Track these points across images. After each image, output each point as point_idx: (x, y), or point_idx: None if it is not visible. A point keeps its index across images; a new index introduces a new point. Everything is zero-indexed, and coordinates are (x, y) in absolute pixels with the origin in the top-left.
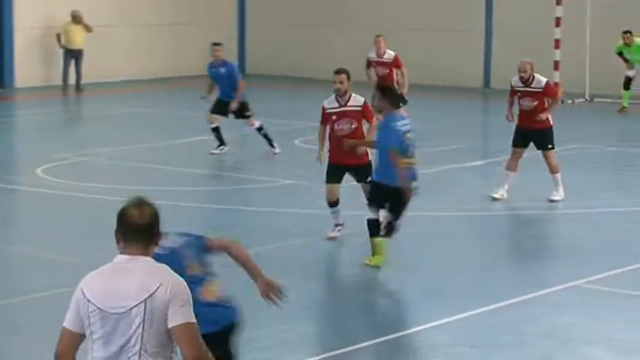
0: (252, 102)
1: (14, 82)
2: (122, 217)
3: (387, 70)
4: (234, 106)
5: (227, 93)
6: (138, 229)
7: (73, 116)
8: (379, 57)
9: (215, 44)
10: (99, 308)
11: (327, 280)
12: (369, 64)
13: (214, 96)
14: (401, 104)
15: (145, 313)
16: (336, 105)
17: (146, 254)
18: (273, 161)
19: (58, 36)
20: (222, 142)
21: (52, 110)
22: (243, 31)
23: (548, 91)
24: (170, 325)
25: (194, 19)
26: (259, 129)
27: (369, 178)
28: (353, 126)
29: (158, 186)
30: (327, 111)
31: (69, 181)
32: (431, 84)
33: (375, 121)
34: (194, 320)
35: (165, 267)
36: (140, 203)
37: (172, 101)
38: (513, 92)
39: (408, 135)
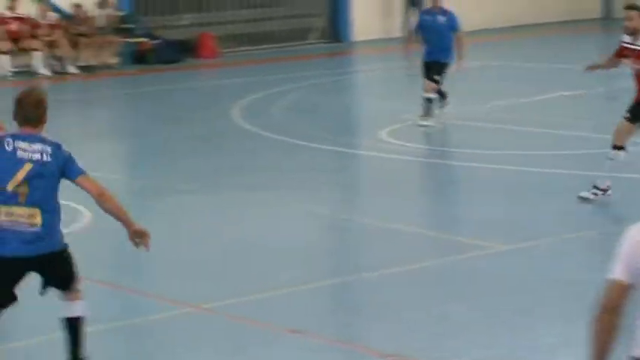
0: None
1: (352, 35)
2: None
3: None
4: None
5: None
6: None
7: (416, 72)
8: None
9: None
10: None
11: None
12: None
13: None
14: None
15: None
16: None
17: None
18: None
19: None
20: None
21: (394, 65)
22: None
23: None
24: None
25: None
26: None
27: None
28: None
29: (515, 149)
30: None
31: (416, 144)
32: None
33: None
34: None
35: None
36: None
37: (532, 52)
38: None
39: None
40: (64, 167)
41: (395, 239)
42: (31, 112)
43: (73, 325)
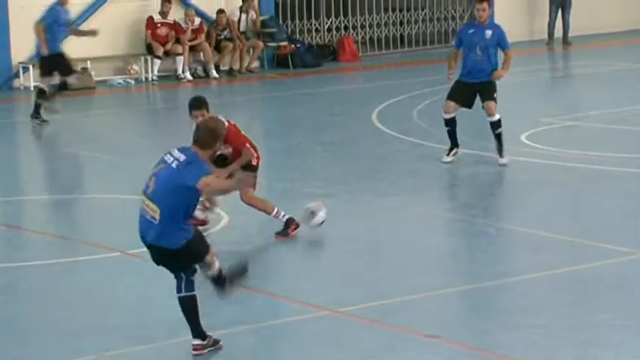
0: None
1: None
2: None
3: None
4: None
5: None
6: None
7: (559, 74)
8: None
9: None
10: None
11: None
12: None
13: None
14: None
15: None
16: None
17: None
18: None
19: None
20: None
21: (535, 68)
22: None
23: None
24: None
25: None
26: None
27: None
28: None
29: None
30: None
31: (556, 148)
32: None
33: None
34: None
35: None
36: None
37: None
38: None
39: None
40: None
41: (536, 244)
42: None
43: None
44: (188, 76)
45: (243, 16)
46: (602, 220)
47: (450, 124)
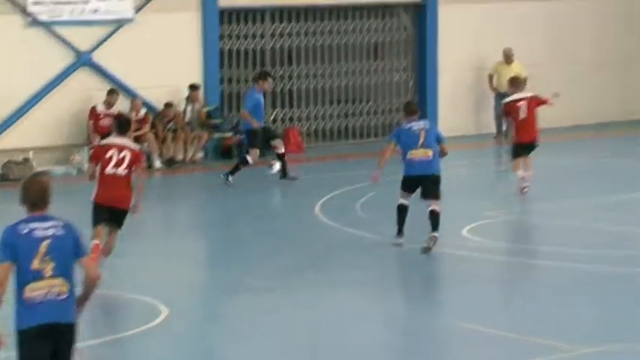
0: None
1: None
2: None
3: None
4: None
5: None
6: None
7: (503, 168)
8: None
9: None
10: None
11: None
12: None
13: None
14: None
15: None
16: None
17: None
18: None
19: (490, 77)
20: None
21: (481, 162)
22: None
23: None
24: None
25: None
26: None
27: None
28: None
29: (596, 249)
30: None
31: (497, 241)
32: None
33: None
34: None
35: None
36: None
37: (619, 149)
38: None
39: None
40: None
41: (473, 339)
42: (37, 197)
43: None
44: None
45: (189, 106)
46: (538, 315)
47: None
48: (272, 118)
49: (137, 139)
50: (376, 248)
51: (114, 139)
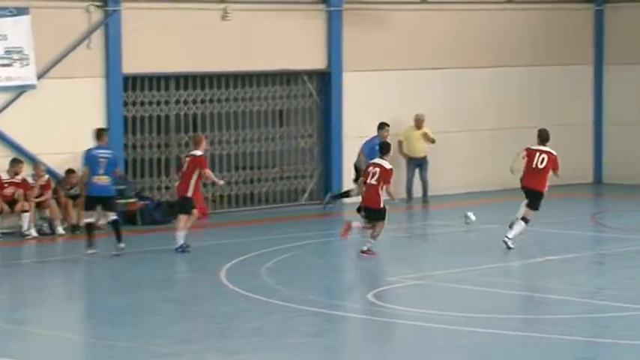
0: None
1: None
2: None
3: None
4: None
5: None
6: None
7: (411, 233)
8: None
9: None
10: None
11: None
12: None
13: None
14: None
15: None
16: None
17: None
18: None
19: (400, 143)
20: None
21: (390, 227)
22: (600, 131)
23: None
24: None
25: (542, 121)
26: None
27: None
28: None
29: (503, 313)
30: None
31: (402, 307)
32: None
33: None
34: None
35: None
36: None
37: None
38: None
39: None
40: None
41: None
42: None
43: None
44: (33, 232)
45: None
46: None
47: None
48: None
49: (39, 205)
50: (281, 313)
51: None
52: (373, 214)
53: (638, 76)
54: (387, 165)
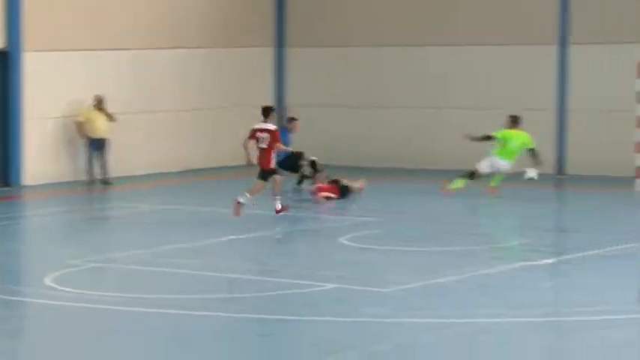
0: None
1: (22, 179)
2: None
3: None
4: None
5: None
6: None
7: (92, 215)
8: None
9: None
10: None
11: None
12: None
13: None
14: None
15: None
16: None
17: None
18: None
19: (79, 123)
20: None
21: (68, 209)
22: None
23: None
24: None
25: (224, 103)
26: None
27: None
28: None
29: (187, 294)
30: None
31: (81, 290)
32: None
33: None
34: None
35: None
36: None
37: (207, 196)
38: None
39: None
40: None
41: None
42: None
43: None
44: None
45: None
46: None
47: None
48: None
49: None
50: None
51: None
52: (267, 173)
53: (318, 58)
54: (272, 127)
